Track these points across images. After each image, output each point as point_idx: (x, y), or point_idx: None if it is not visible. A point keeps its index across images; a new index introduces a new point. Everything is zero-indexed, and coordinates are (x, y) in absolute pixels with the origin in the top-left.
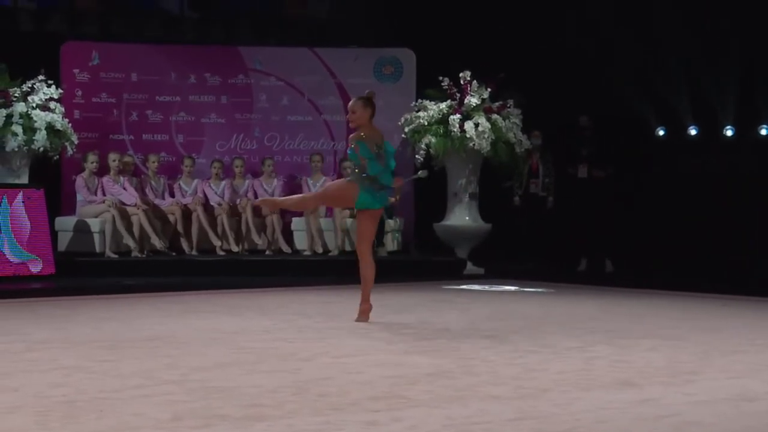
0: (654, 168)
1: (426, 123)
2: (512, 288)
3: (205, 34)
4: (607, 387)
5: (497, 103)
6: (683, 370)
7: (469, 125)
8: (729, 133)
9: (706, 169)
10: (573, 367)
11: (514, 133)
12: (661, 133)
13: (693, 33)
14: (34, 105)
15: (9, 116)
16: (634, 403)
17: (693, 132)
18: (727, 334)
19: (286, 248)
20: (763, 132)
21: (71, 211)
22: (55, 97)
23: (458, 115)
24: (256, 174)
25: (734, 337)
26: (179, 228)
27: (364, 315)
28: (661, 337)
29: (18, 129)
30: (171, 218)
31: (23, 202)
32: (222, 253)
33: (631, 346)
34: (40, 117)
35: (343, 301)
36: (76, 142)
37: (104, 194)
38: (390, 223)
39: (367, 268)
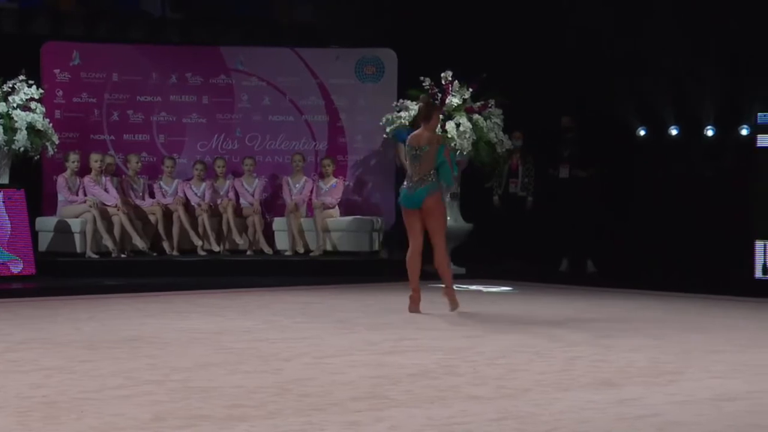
0: (635, 168)
1: (408, 123)
2: (493, 288)
3: (187, 35)
4: (588, 387)
5: (478, 103)
6: (664, 370)
7: (450, 125)
8: (710, 133)
9: (687, 170)
10: (555, 368)
11: (496, 133)
12: (643, 133)
13: (674, 33)
14: (15, 105)
15: None
16: (615, 403)
17: (674, 132)
18: (708, 334)
19: (267, 249)
20: (744, 132)
21: (52, 211)
22: (36, 97)
23: (440, 115)
24: (237, 174)
25: (715, 337)
26: (160, 228)
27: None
28: (643, 337)
29: None
30: (152, 218)
31: (3, 202)
32: (203, 253)
33: (612, 346)
34: (20, 117)
35: (325, 302)
36: (56, 142)
37: (85, 194)
38: (371, 223)
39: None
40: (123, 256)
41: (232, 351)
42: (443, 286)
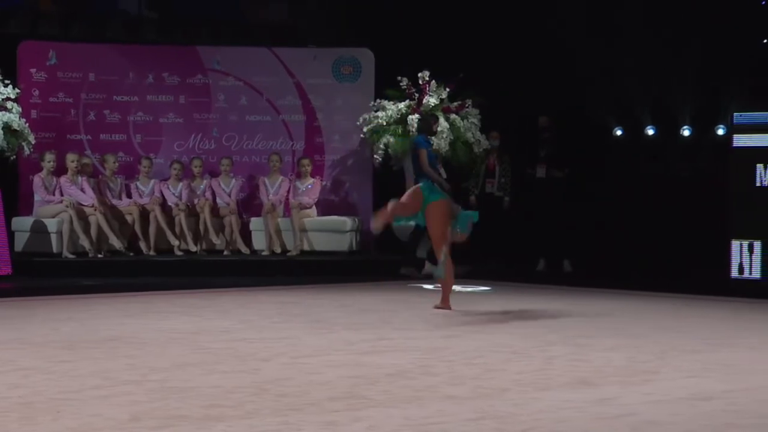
0: (612, 168)
1: (385, 123)
2: (471, 288)
3: (164, 35)
4: (565, 387)
5: (456, 103)
6: (641, 369)
7: None
8: (686, 133)
9: (664, 169)
10: (532, 367)
11: (473, 133)
12: (619, 133)
13: (652, 33)
14: None
15: None
16: (593, 403)
17: (650, 132)
18: (685, 333)
19: (244, 248)
20: (720, 132)
21: (28, 211)
22: (12, 96)
23: (417, 115)
24: (214, 174)
25: (691, 337)
26: (137, 228)
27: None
28: (620, 336)
29: None
30: (129, 218)
31: None
32: (180, 253)
33: (589, 345)
34: None
35: (302, 302)
36: (33, 142)
37: (62, 194)
38: (348, 223)
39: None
40: (100, 256)
41: (209, 351)
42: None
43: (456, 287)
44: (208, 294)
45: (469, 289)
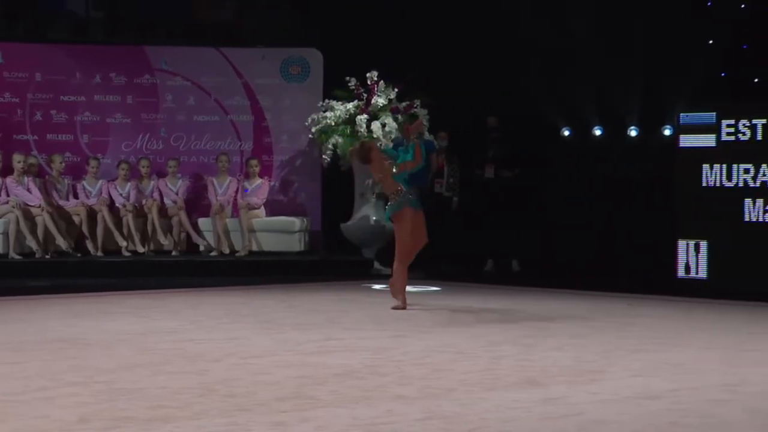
0: (560, 168)
1: (333, 123)
2: (419, 288)
3: (111, 34)
4: (512, 386)
5: (404, 104)
6: (588, 369)
7: (376, 125)
8: (633, 133)
9: (611, 169)
10: (479, 367)
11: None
12: (567, 133)
13: (598, 33)
14: None
15: None
16: (539, 402)
17: (598, 132)
18: (631, 333)
19: (199, 240)
20: (667, 132)
21: None
22: None
23: (365, 116)
24: (162, 174)
25: (638, 336)
26: (84, 229)
27: None
28: (566, 336)
29: None
30: (76, 219)
31: None
32: (127, 254)
33: (536, 345)
34: None
35: (251, 302)
36: None
37: (8, 195)
38: (296, 223)
39: None
40: (47, 256)
41: (157, 352)
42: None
43: (408, 287)
44: (156, 295)
45: (419, 289)
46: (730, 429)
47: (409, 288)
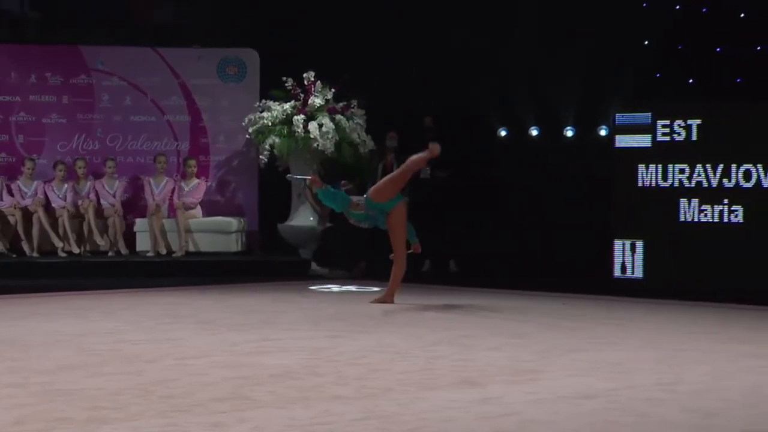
0: (496, 168)
1: (270, 123)
2: (355, 288)
3: (47, 34)
4: (449, 386)
5: (341, 104)
6: (525, 368)
7: (313, 126)
8: (569, 133)
9: (548, 170)
10: (416, 367)
11: (358, 134)
12: (504, 133)
13: (535, 33)
14: None
15: None
16: (477, 402)
17: (534, 133)
18: (568, 332)
19: (124, 250)
20: (603, 133)
21: None
22: None
23: (302, 116)
24: (98, 175)
25: (574, 336)
26: (19, 230)
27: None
28: (504, 336)
29: None
30: (11, 220)
31: None
32: (63, 254)
33: (473, 345)
34: None
35: (188, 303)
36: None
37: None
38: (234, 224)
39: None
40: None
41: (95, 353)
42: None
43: (344, 287)
44: (93, 295)
45: (356, 288)
46: (666, 428)
47: (348, 287)
